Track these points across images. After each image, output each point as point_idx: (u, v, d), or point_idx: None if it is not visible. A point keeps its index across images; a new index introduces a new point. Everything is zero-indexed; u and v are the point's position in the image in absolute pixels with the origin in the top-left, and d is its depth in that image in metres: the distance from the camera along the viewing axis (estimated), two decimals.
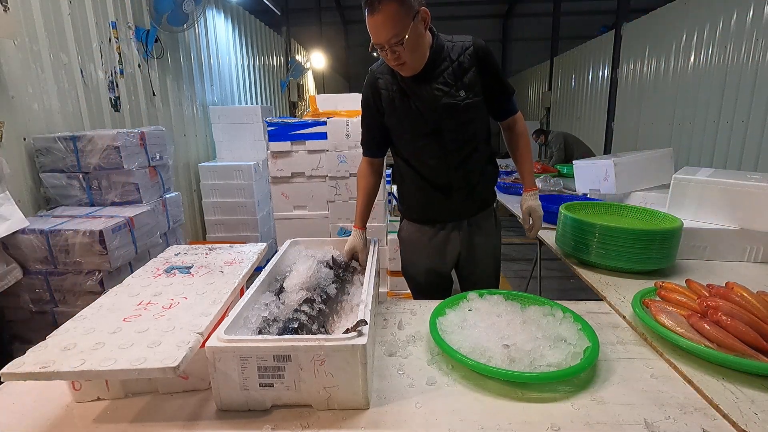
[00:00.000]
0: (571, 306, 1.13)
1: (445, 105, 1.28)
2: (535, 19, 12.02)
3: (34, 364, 0.70)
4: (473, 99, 1.30)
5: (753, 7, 3.65)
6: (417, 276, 1.54)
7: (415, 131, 1.34)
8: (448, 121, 1.30)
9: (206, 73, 4.25)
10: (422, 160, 1.39)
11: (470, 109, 1.30)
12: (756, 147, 3.61)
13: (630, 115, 5.77)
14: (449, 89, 1.28)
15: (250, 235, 3.79)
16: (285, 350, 0.76)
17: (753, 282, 1.30)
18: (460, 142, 1.34)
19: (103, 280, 1.95)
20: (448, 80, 1.27)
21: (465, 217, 1.46)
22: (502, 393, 0.85)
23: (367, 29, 1.15)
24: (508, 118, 1.44)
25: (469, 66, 1.28)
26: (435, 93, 1.28)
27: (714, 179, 1.64)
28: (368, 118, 1.41)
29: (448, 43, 1.29)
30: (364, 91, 1.38)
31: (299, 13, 9.34)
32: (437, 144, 1.34)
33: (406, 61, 1.19)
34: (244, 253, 1.26)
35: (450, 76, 1.27)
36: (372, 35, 1.16)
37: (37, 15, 2.23)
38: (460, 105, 1.29)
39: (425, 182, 1.41)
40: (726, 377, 0.88)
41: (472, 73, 1.28)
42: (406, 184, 1.49)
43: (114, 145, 2.14)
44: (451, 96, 1.28)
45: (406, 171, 1.45)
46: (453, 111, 1.29)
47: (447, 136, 1.33)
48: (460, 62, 1.28)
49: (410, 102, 1.30)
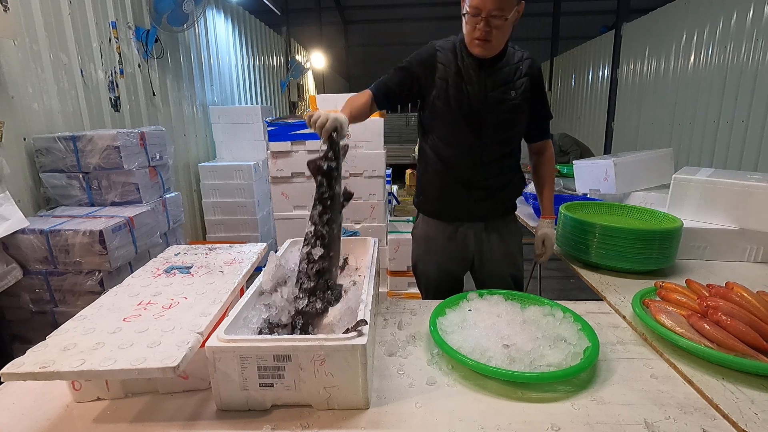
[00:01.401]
0: (571, 306, 1.13)
1: (495, 98, 1.31)
2: (535, 19, 12.02)
3: (34, 364, 0.70)
4: (520, 103, 1.33)
5: (753, 7, 3.65)
6: (429, 275, 1.52)
7: (457, 116, 1.33)
8: (491, 115, 1.32)
9: (206, 73, 4.25)
10: (453, 149, 1.38)
11: (515, 111, 1.34)
12: (756, 147, 3.61)
13: (630, 115, 5.77)
14: (503, 86, 1.31)
15: (250, 235, 3.79)
16: (285, 350, 0.76)
17: (753, 282, 1.30)
18: (496, 140, 1.36)
19: (103, 280, 1.95)
20: (503, 78, 1.31)
21: (481, 218, 1.44)
22: (502, 393, 0.85)
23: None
24: (540, 142, 1.48)
25: (524, 74, 1.33)
26: (489, 84, 1.30)
27: (714, 179, 1.64)
28: (405, 73, 1.36)
29: (510, 48, 1.35)
30: (420, 52, 1.36)
31: (299, 13, 9.34)
32: (473, 136, 1.34)
33: (491, 40, 1.22)
34: (244, 253, 1.26)
35: (505, 75, 1.31)
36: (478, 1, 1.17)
37: (37, 15, 2.23)
38: (508, 103, 1.32)
39: (448, 173, 1.41)
40: (726, 377, 0.88)
41: (524, 81, 1.33)
42: (428, 174, 1.46)
43: (114, 145, 2.14)
44: (502, 92, 1.31)
45: (431, 159, 1.43)
46: (500, 107, 1.32)
47: (486, 130, 1.34)
48: (517, 67, 1.33)
49: (463, 84, 1.31)
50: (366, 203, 2.62)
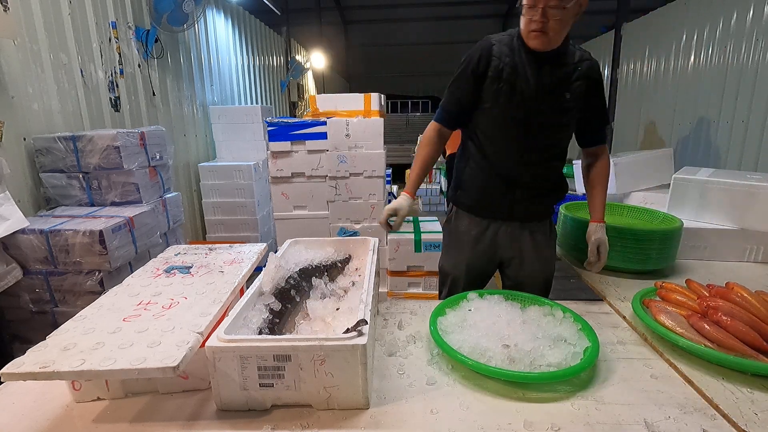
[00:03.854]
0: (571, 306, 1.13)
1: (548, 98, 1.27)
2: None
3: (34, 364, 0.70)
4: (573, 106, 1.30)
5: (753, 7, 3.65)
6: (455, 271, 1.48)
7: (507, 112, 1.29)
8: (542, 115, 1.29)
9: (206, 73, 4.25)
10: (498, 146, 1.35)
11: (566, 114, 1.30)
12: (756, 147, 3.61)
13: (630, 115, 5.77)
14: (557, 86, 1.27)
15: (250, 235, 3.79)
16: (285, 350, 0.76)
17: (753, 282, 1.30)
18: (542, 141, 1.33)
19: (103, 280, 1.95)
20: (560, 78, 1.27)
21: (519, 218, 1.41)
22: (502, 393, 0.85)
23: None
24: (596, 147, 1.42)
25: (581, 76, 1.29)
26: (544, 83, 1.26)
27: (714, 179, 1.64)
28: (465, 81, 1.32)
29: (571, 47, 1.30)
30: (471, 53, 1.31)
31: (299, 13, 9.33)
32: (521, 134, 1.31)
33: (548, 31, 1.18)
34: (244, 253, 1.26)
35: (563, 75, 1.27)
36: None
37: (37, 15, 2.23)
38: (561, 105, 1.28)
39: (492, 168, 1.37)
40: (726, 377, 0.88)
41: (580, 83, 1.29)
42: (470, 167, 1.42)
43: (114, 145, 2.14)
44: (556, 92, 1.27)
45: (474, 152, 1.40)
46: (551, 107, 1.28)
47: (534, 130, 1.30)
48: (576, 68, 1.28)
49: (517, 80, 1.27)
50: (366, 203, 2.62)
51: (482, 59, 1.29)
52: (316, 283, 1.13)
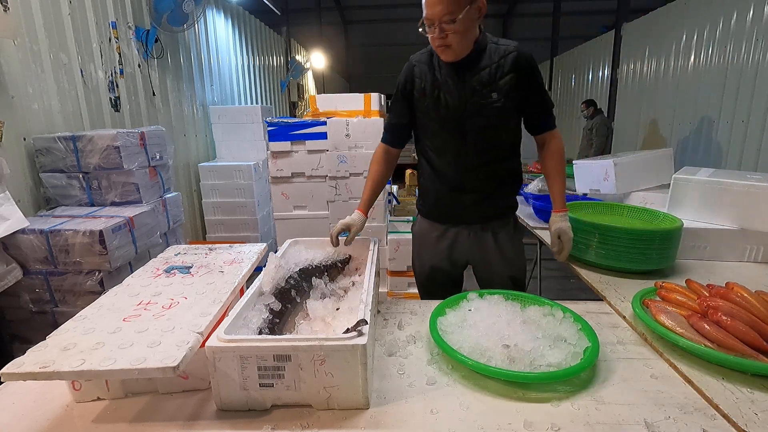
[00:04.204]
0: (571, 306, 1.13)
1: (474, 104, 1.28)
2: (535, 19, 12.03)
3: (34, 364, 0.70)
4: (504, 104, 1.28)
5: (753, 7, 3.65)
6: (421, 272, 1.55)
7: (440, 125, 1.34)
8: (473, 120, 1.30)
9: (206, 73, 4.25)
10: (441, 156, 1.39)
11: (498, 114, 1.29)
12: (756, 147, 3.61)
13: (630, 115, 5.78)
14: (482, 89, 1.27)
15: (250, 235, 3.79)
16: (285, 350, 0.76)
17: (753, 282, 1.30)
18: (481, 145, 1.33)
19: (103, 280, 1.95)
20: (483, 80, 1.27)
21: (476, 221, 1.44)
22: (502, 393, 0.85)
23: (423, 4, 1.18)
24: (543, 134, 1.40)
25: (508, 71, 1.27)
26: (466, 90, 1.28)
27: (714, 179, 1.64)
28: (398, 103, 1.41)
29: (492, 45, 1.29)
30: (400, 77, 1.38)
31: (299, 13, 9.34)
32: (459, 142, 1.33)
33: (451, 44, 1.20)
34: (244, 253, 1.26)
35: (485, 77, 1.27)
36: (427, 9, 1.17)
37: (37, 15, 2.23)
38: (491, 107, 1.28)
39: (439, 180, 1.42)
40: (726, 377, 0.88)
41: (508, 78, 1.27)
42: (423, 178, 1.50)
43: (114, 145, 2.14)
44: (481, 96, 1.28)
45: (425, 164, 1.47)
46: (480, 112, 1.29)
47: (470, 136, 1.32)
48: (499, 65, 1.27)
49: (441, 94, 1.30)
50: None
51: (407, 82, 1.36)
52: (316, 283, 1.13)
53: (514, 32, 12.50)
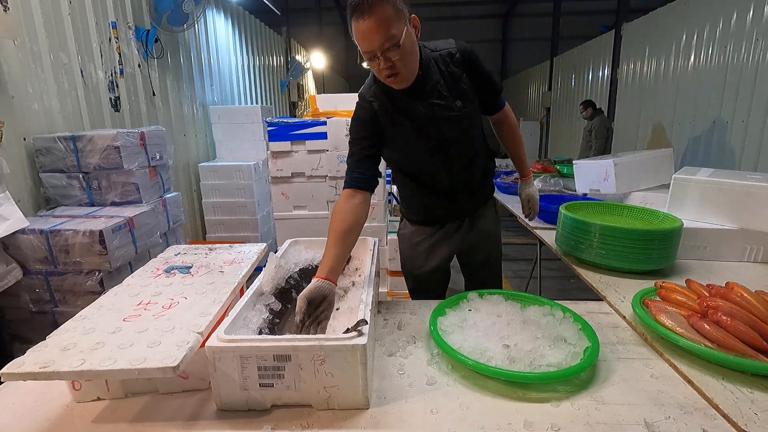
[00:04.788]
0: (571, 306, 1.13)
1: (446, 118, 1.25)
2: (535, 19, 12.02)
3: (34, 364, 0.70)
4: (470, 107, 1.28)
5: (753, 7, 3.65)
6: (413, 273, 1.55)
7: (419, 149, 1.30)
8: (449, 133, 1.28)
9: (206, 73, 4.25)
10: (424, 172, 1.38)
11: (469, 118, 1.29)
12: (756, 147, 3.61)
13: (630, 115, 5.77)
14: (446, 101, 1.24)
15: (250, 235, 3.79)
16: (285, 350, 0.76)
17: (753, 282, 1.30)
18: (462, 150, 1.33)
19: (103, 280, 1.95)
20: (443, 92, 1.23)
21: (467, 214, 1.47)
22: (502, 393, 0.85)
23: (356, 39, 1.06)
24: (498, 113, 1.44)
25: (460, 74, 1.24)
26: (433, 108, 1.24)
27: (714, 179, 1.64)
28: (364, 139, 1.26)
29: (433, 54, 1.23)
30: (358, 114, 1.27)
31: (299, 13, 9.34)
32: (441, 157, 1.32)
33: (400, 71, 1.11)
34: (244, 253, 1.26)
35: (444, 88, 1.23)
36: (363, 43, 1.06)
37: (37, 15, 2.23)
38: (459, 115, 1.26)
39: (429, 190, 1.41)
40: (726, 377, 0.88)
41: (464, 80, 1.25)
42: (407, 190, 1.48)
43: (114, 145, 2.14)
44: (449, 108, 1.25)
45: (407, 183, 1.44)
46: (453, 123, 1.27)
47: (450, 148, 1.31)
48: (450, 72, 1.23)
49: (410, 122, 1.25)
50: None
51: (372, 120, 1.25)
52: None
53: (514, 32, 12.50)
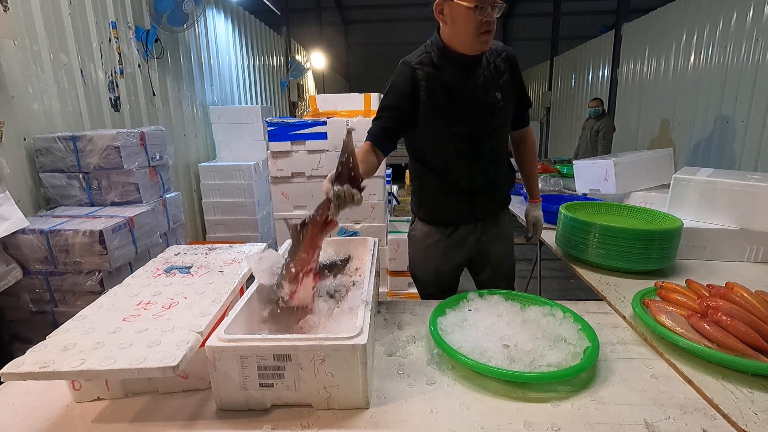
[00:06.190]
0: (571, 306, 1.13)
1: (485, 104, 1.26)
2: (535, 19, 12.02)
3: (34, 364, 0.70)
4: (507, 103, 1.29)
5: (753, 7, 3.65)
6: (426, 276, 1.51)
7: (450, 129, 1.28)
8: (484, 122, 1.28)
9: (206, 73, 4.25)
10: (449, 163, 1.34)
11: (504, 113, 1.30)
12: (756, 147, 3.61)
13: (630, 115, 5.78)
14: (488, 90, 1.26)
15: (250, 235, 3.79)
16: (285, 350, 0.76)
17: (753, 282, 1.30)
18: (491, 145, 1.33)
19: (103, 280, 1.95)
20: (487, 80, 1.25)
21: (486, 216, 1.45)
22: (502, 393, 0.85)
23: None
24: (522, 129, 1.45)
25: (504, 70, 1.27)
26: (475, 92, 1.25)
27: (714, 179, 1.64)
28: (396, 108, 1.26)
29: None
30: (397, 81, 1.26)
31: (299, 13, 9.34)
32: (468, 146, 1.30)
33: (492, 30, 1.16)
34: (244, 253, 1.26)
35: (488, 76, 1.26)
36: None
37: (37, 15, 2.23)
38: (497, 107, 1.27)
39: (449, 186, 1.37)
40: (726, 377, 0.88)
41: (506, 77, 1.28)
42: (425, 185, 1.44)
43: (114, 145, 2.14)
44: (490, 96, 1.26)
45: (426, 175, 1.40)
46: (491, 112, 1.27)
47: (480, 140, 1.30)
48: (496, 65, 1.27)
49: (449, 100, 1.24)
50: (366, 203, 2.62)
51: (410, 86, 1.24)
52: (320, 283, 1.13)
53: (514, 32, 12.50)
